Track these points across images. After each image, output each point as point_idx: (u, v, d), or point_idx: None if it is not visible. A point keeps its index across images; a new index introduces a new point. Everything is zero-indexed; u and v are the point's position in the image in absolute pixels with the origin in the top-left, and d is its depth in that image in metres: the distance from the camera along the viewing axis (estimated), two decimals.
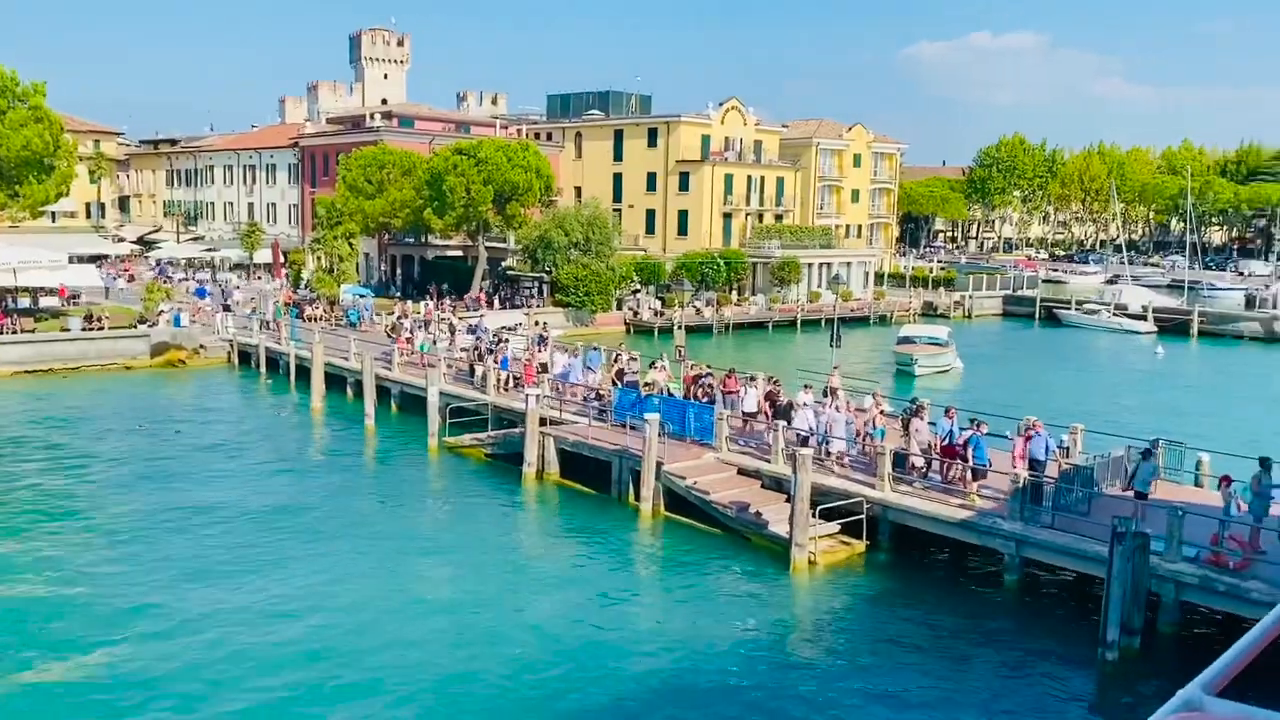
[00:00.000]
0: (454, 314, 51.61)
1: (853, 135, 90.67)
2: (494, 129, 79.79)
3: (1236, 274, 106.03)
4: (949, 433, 23.47)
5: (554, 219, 61.02)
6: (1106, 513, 19.82)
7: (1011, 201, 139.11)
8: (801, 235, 74.90)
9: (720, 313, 63.87)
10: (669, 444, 26.17)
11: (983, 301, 78.11)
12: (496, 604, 20.00)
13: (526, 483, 28.20)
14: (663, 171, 75.04)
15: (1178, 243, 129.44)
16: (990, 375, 48.53)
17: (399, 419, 36.31)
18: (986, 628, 19.54)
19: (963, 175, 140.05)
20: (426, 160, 62.43)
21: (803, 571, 21.63)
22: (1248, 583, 17.44)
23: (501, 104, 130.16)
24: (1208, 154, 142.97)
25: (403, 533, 24.25)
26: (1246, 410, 41.90)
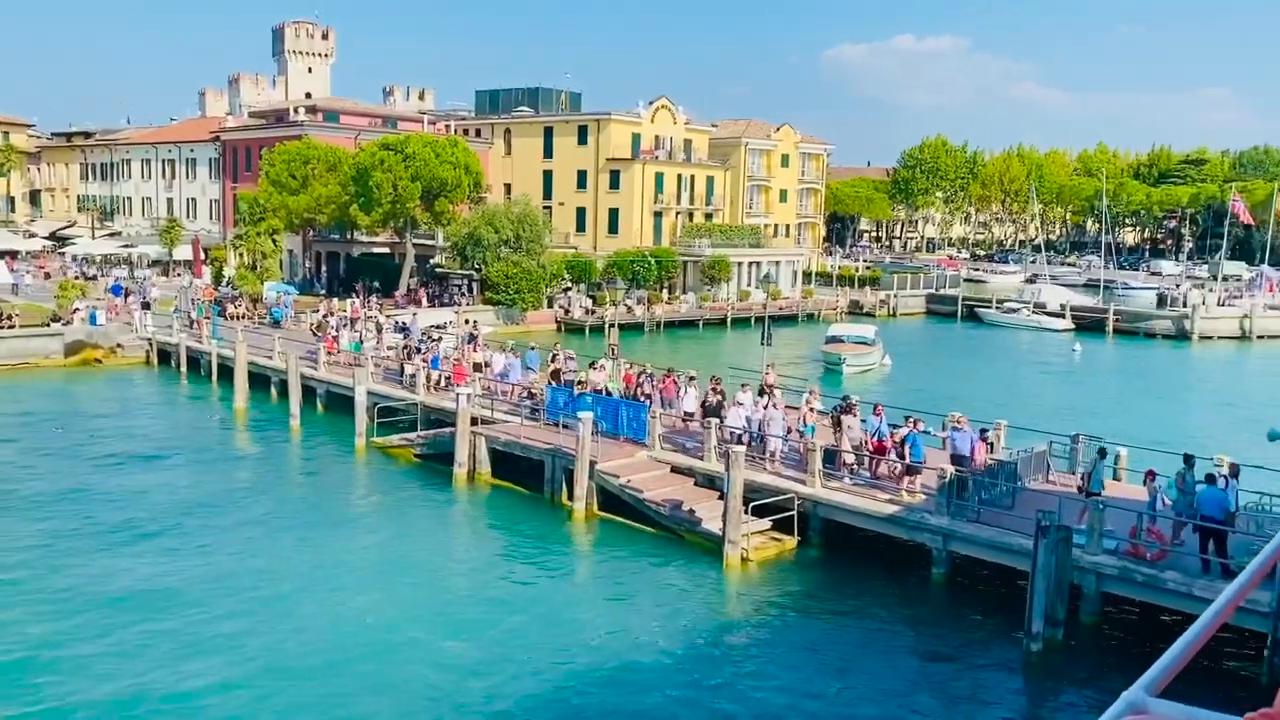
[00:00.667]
0: (381, 312, 50.87)
1: (780, 135, 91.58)
2: (421, 124, 78.78)
3: (1149, 273, 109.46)
4: (877, 430, 23.80)
5: (484, 216, 60.49)
6: (1030, 507, 20.32)
7: (934, 202, 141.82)
8: (731, 234, 75.39)
9: (652, 311, 64.00)
10: (602, 443, 26.10)
11: (907, 300, 79.44)
12: (426, 606, 19.74)
13: (457, 483, 27.90)
14: (593, 169, 74.91)
15: (1093, 243, 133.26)
16: (916, 372, 49.40)
17: (325, 419, 35.64)
18: (915, 621, 19.86)
19: (887, 176, 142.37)
20: (352, 155, 61.40)
21: (735, 568, 21.76)
22: (1165, 573, 18.00)
23: (429, 99, 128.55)
24: (1121, 157, 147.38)
25: (329, 535, 23.80)
26: (1161, 406, 43.29)
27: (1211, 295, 77.13)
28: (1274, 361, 60.71)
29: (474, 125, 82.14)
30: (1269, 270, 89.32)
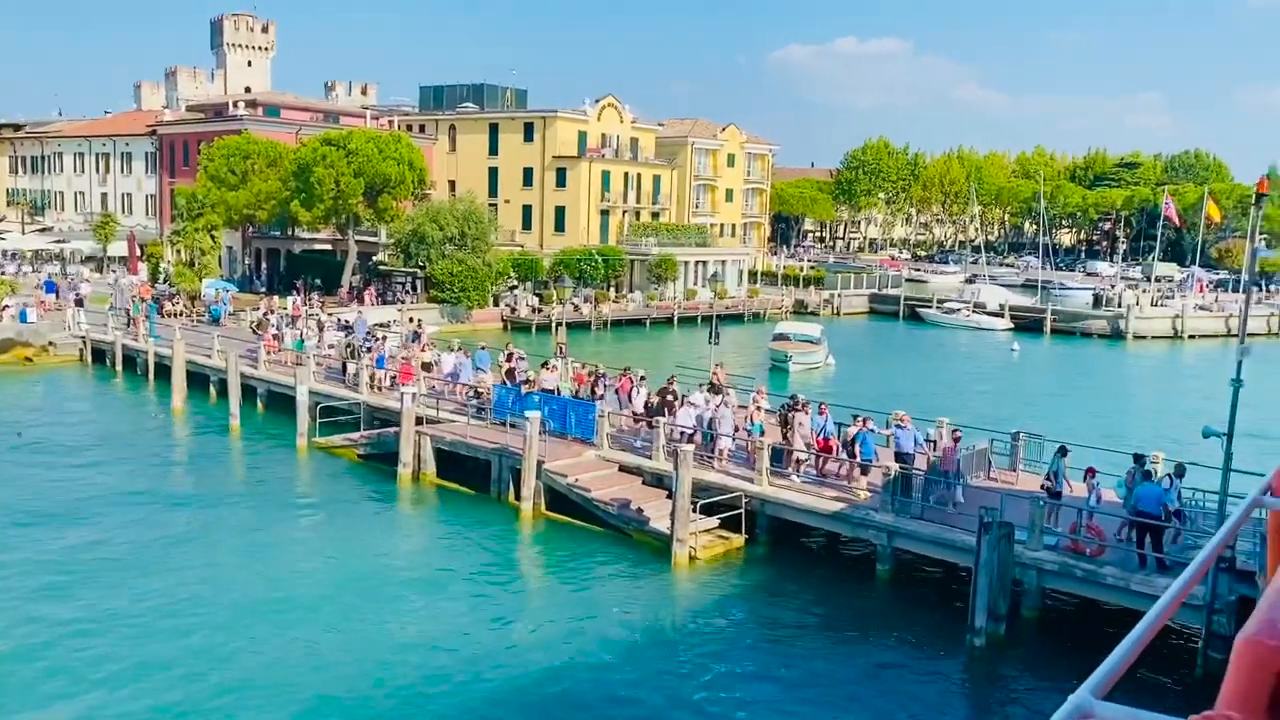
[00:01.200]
0: (323, 310, 50.14)
1: (727, 135, 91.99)
2: (364, 120, 77.80)
3: (1085, 274, 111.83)
4: (822, 428, 23.98)
5: (428, 213, 59.93)
6: (972, 503, 20.64)
7: (876, 203, 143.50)
8: (678, 233, 75.55)
9: (599, 310, 63.90)
10: (550, 442, 25.97)
11: (850, 300, 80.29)
12: (370, 608, 19.47)
13: (402, 483, 27.57)
14: (539, 167, 74.58)
15: (1031, 244, 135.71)
16: (860, 371, 49.94)
17: (266, 419, 35.02)
18: (860, 617, 20.06)
19: (831, 177, 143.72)
20: (293, 151, 60.42)
21: (683, 566, 21.79)
22: (1103, 569, 18.38)
23: (371, 94, 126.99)
24: (1058, 160, 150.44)
25: (270, 536, 23.39)
26: (1098, 404, 44.22)
27: (1145, 296, 79.08)
28: (1205, 360, 62.36)
29: (418, 121, 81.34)
30: (1199, 271, 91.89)
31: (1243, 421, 18.36)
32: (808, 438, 24.40)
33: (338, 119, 77.09)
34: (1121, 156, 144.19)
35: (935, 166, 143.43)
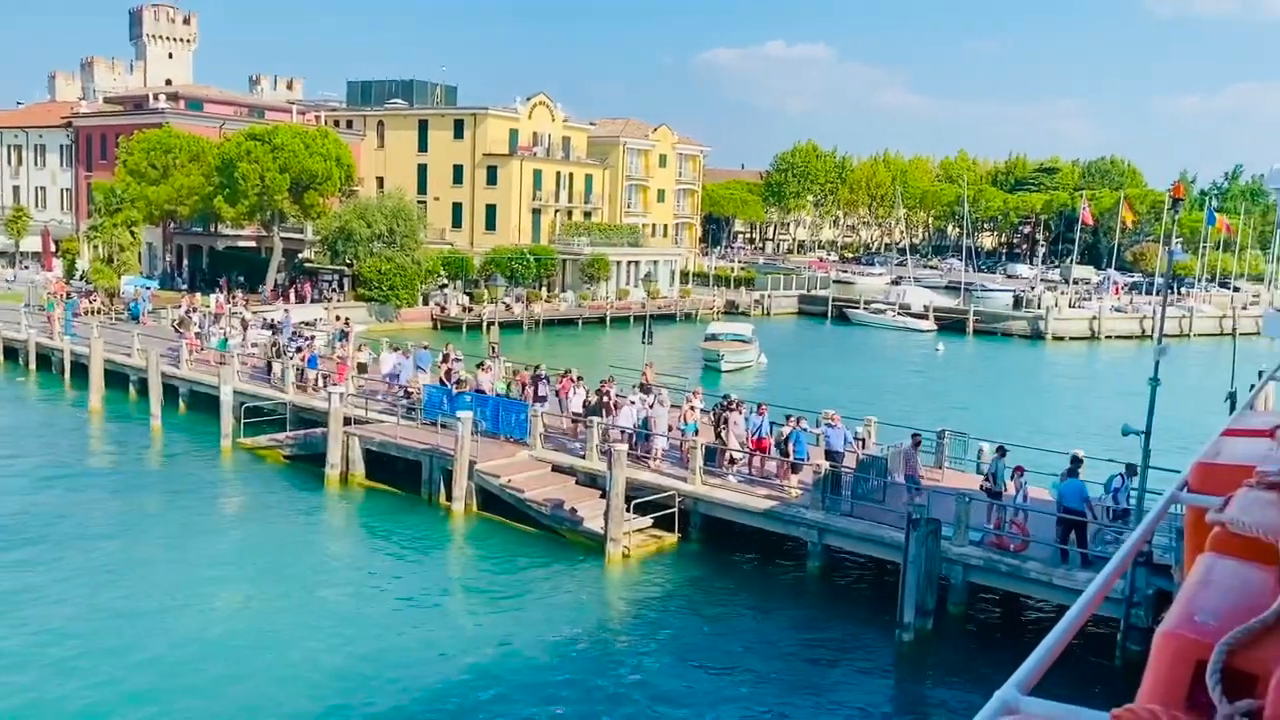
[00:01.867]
0: (247, 308, 49.10)
1: (658, 136, 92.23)
2: (290, 115, 76.37)
3: (1006, 276, 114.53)
4: (759, 427, 24.16)
5: (355, 210, 59.04)
6: (900, 500, 21.02)
7: (805, 205, 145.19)
8: (610, 233, 75.54)
9: (530, 309, 63.60)
10: (482, 442, 25.77)
11: (780, 300, 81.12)
12: (296, 613, 19.12)
13: (329, 485, 27.11)
14: (470, 164, 73.95)
15: (954, 246, 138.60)
16: (790, 370, 50.48)
17: (188, 420, 34.16)
18: (791, 614, 20.29)
19: (761, 179, 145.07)
20: (217, 145, 59.08)
21: (617, 565, 21.81)
22: (1027, 564, 18.84)
23: (297, 89, 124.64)
24: (980, 164, 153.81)
25: (193, 539, 22.82)
26: (1020, 403, 45.32)
27: (1063, 298, 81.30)
28: (1121, 360, 64.30)
29: (345, 116, 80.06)
30: (1115, 274, 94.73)
31: (1160, 419, 18.96)
32: (742, 437, 24.58)
33: (263, 114, 75.54)
34: (1041, 162, 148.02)
35: (862, 170, 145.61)
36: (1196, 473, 2.18)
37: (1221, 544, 1.59)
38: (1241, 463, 2.10)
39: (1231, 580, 1.43)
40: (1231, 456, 2.22)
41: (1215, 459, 2.24)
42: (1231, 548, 1.55)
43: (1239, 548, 1.54)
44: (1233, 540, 1.57)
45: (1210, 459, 2.24)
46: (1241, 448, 2.30)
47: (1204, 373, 46.77)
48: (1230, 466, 2.11)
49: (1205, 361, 56.57)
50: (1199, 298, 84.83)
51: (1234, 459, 2.19)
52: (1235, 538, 1.57)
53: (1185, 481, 2.19)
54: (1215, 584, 1.42)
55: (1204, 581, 1.44)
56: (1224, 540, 1.59)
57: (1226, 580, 1.43)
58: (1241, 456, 2.19)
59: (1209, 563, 1.51)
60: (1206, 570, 1.48)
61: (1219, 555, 1.54)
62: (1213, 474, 2.13)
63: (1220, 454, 2.27)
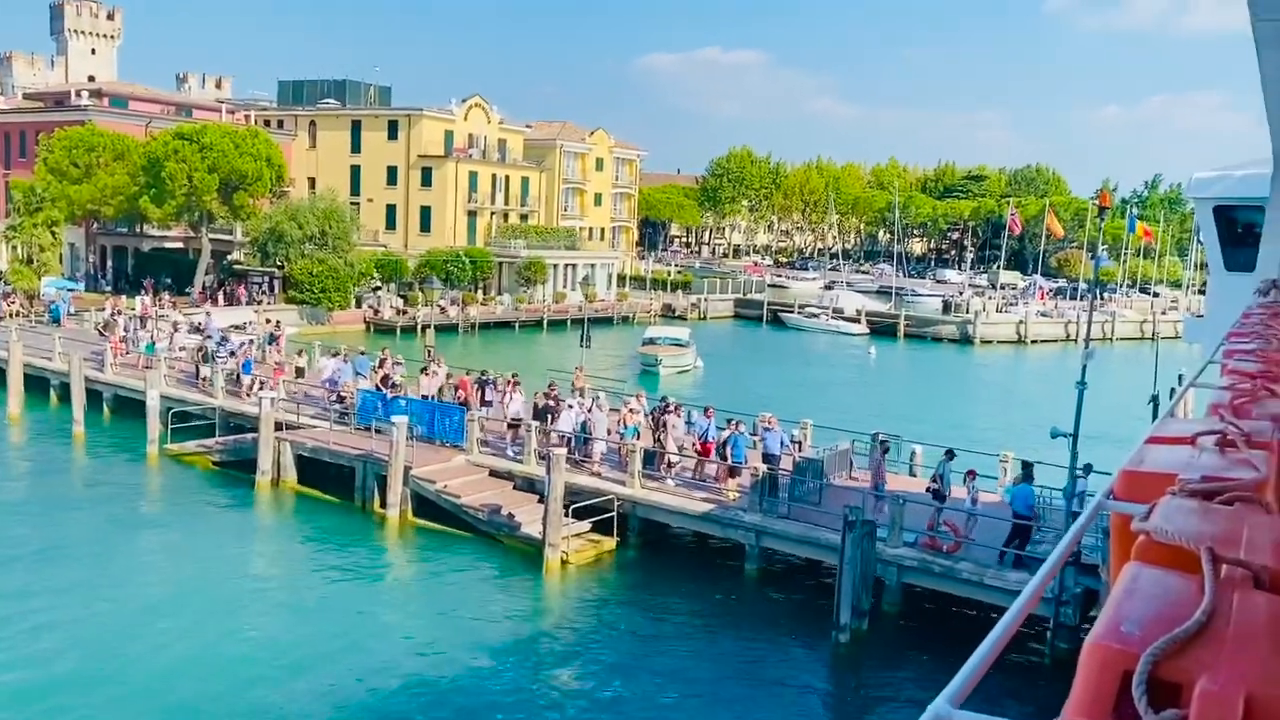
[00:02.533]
0: (176, 310, 47.94)
1: (595, 140, 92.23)
2: (219, 114, 74.80)
3: (935, 281, 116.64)
4: (704, 432, 24.16)
5: (287, 211, 58.02)
6: (837, 502, 21.24)
7: (740, 210, 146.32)
8: (547, 236, 75.31)
9: (466, 312, 63.09)
10: (418, 447, 25.47)
11: (716, 304, 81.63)
12: (225, 623, 18.69)
13: (260, 491, 26.57)
14: (404, 166, 73.18)
15: (885, 252, 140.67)
16: (727, 373, 50.78)
17: (113, 426, 33.23)
18: (730, 616, 20.39)
19: (697, 183, 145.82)
20: (143, 144, 57.61)
21: (555, 571, 21.70)
22: (959, 564, 19.19)
23: (226, 87, 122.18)
24: (910, 172, 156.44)
25: (118, 548, 22.23)
26: (951, 405, 46.14)
27: (991, 302, 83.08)
28: (1047, 363, 65.86)
29: (276, 116, 78.67)
30: (1040, 279, 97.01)
31: (1086, 421, 19.45)
32: (680, 440, 24.63)
33: (190, 112, 73.87)
34: (969, 169, 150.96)
35: (795, 176, 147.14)
36: (1121, 480, 2.23)
37: (1146, 553, 1.62)
38: (1164, 470, 2.15)
39: (1156, 589, 1.45)
40: (1155, 464, 2.27)
41: (1139, 466, 2.28)
42: (1156, 556, 1.59)
43: (1163, 556, 1.57)
44: (1157, 549, 1.60)
45: (1134, 467, 2.29)
46: (1164, 455, 2.35)
47: (1127, 376, 48.07)
48: (1154, 474, 2.16)
49: (1127, 365, 58.20)
50: (1121, 303, 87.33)
51: (1157, 466, 2.24)
52: (1159, 546, 1.60)
53: (1111, 489, 2.24)
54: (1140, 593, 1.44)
55: (1129, 591, 1.46)
56: (1148, 549, 1.62)
57: (1151, 589, 1.46)
58: (1164, 464, 2.24)
59: (1134, 572, 1.54)
60: (1132, 579, 1.51)
61: (1144, 564, 1.57)
62: (1137, 481, 2.18)
63: (1144, 461, 2.32)
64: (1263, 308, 8.55)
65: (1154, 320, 79.34)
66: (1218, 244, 16.91)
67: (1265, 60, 9.08)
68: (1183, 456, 2.30)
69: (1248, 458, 2.21)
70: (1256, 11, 7.34)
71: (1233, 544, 1.56)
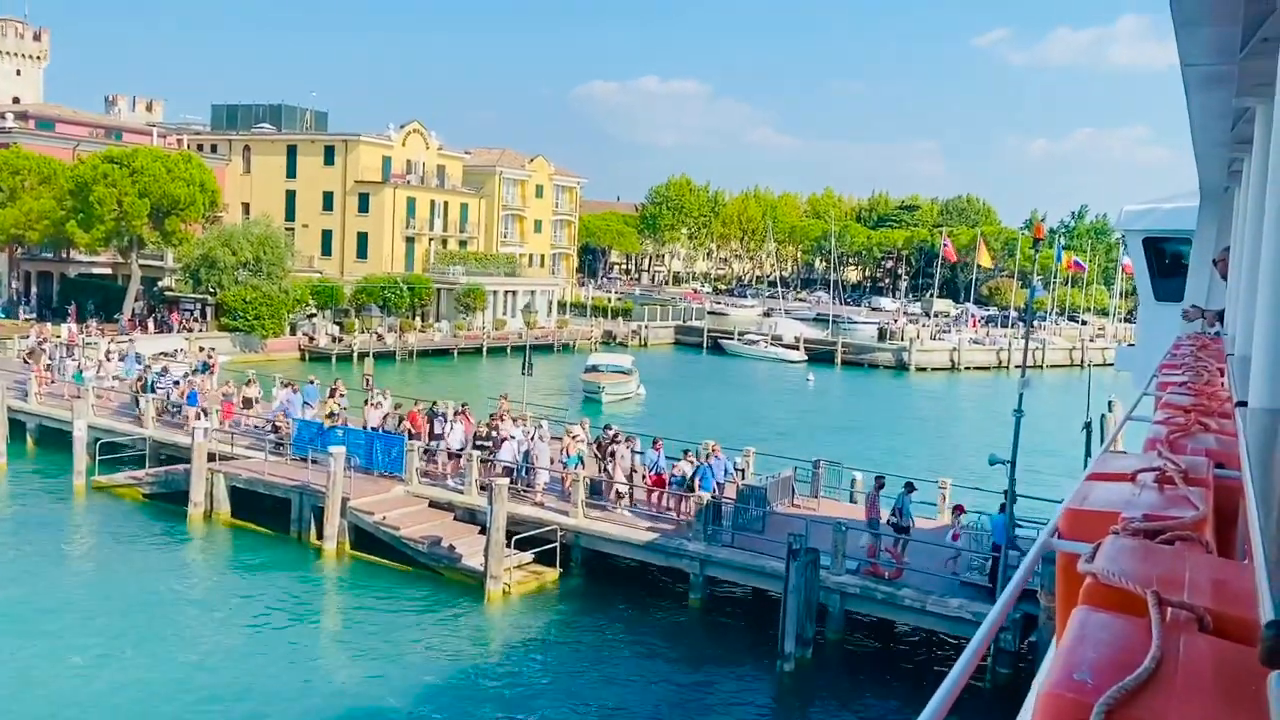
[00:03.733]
0: (105, 338, 46.66)
1: (535, 167, 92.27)
2: (151, 137, 73.38)
3: (870, 309, 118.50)
4: (655, 463, 24.01)
5: (220, 236, 56.99)
6: (780, 530, 21.30)
7: (679, 238, 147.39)
8: (486, 263, 74.99)
9: (404, 339, 62.41)
10: (356, 478, 25.03)
11: (657, 331, 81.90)
12: (157, 661, 18.10)
13: (192, 524, 25.87)
14: (340, 191, 72.45)
15: (821, 280, 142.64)
16: (669, 401, 50.86)
17: (38, 457, 32.16)
18: (674, 646, 20.28)
19: (636, 211, 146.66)
20: (70, 168, 56.25)
21: (497, 603, 21.43)
22: (901, 590, 19.34)
23: (158, 111, 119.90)
24: (845, 201, 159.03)
25: (43, 583, 21.43)
26: (888, 431, 46.70)
27: (925, 330, 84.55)
28: (980, 389, 67.11)
29: (210, 140, 77.44)
30: (972, 308, 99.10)
31: (1022, 447, 19.79)
32: (628, 469, 24.43)
33: (120, 135, 72.40)
34: (902, 200, 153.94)
35: (734, 205, 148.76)
36: (1065, 519, 2.25)
37: (1093, 596, 1.63)
38: (1107, 509, 2.18)
39: (1104, 635, 1.47)
40: (1097, 502, 2.29)
41: (1082, 505, 2.30)
42: (1103, 600, 1.60)
43: (1110, 600, 1.59)
44: (1104, 592, 1.62)
45: (1077, 505, 2.31)
46: (1106, 493, 2.37)
47: (1058, 402, 49.21)
48: (1097, 513, 2.19)
49: (1059, 391, 59.56)
50: (1050, 330, 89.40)
51: (1099, 505, 2.26)
52: (1106, 589, 1.62)
53: (1055, 527, 2.25)
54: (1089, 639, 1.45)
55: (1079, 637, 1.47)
56: (1095, 592, 1.64)
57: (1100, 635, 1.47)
58: (1106, 502, 2.26)
59: (1083, 617, 1.55)
60: (1081, 625, 1.52)
61: (1092, 608, 1.58)
62: (1081, 520, 2.20)
63: (1087, 499, 2.34)
64: (1191, 338, 8.81)
65: (1083, 347, 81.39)
66: (1147, 274, 17.37)
67: (1193, 103, 9.43)
68: (1124, 494, 2.33)
69: (1186, 494, 2.24)
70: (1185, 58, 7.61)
71: (1176, 586, 1.58)
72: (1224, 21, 6.00)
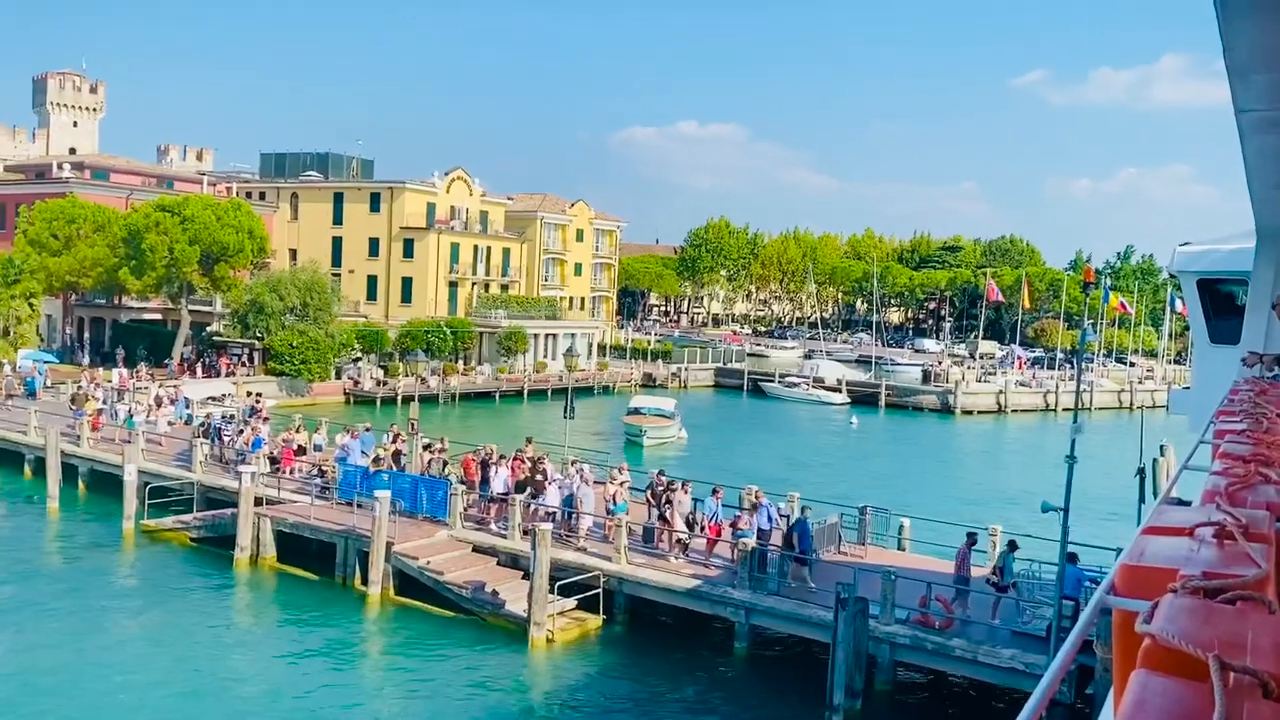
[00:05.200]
0: (156, 383, 47.41)
1: (575, 211, 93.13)
2: (201, 185, 75.09)
3: (914, 351, 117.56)
4: (714, 513, 23.71)
5: (268, 282, 57.93)
6: (826, 578, 21.00)
7: (719, 280, 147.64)
8: (528, 306, 75.54)
9: (447, 382, 62.84)
10: (400, 522, 25.07)
11: (696, 373, 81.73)
12: (204, 705, 18.14)
13: (239, 568, 26.04)
14: (386, 237, 73.49)
15: (862, 321, 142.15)
16: (710, 444, 50.63)
17: (88, 501, 32.64)
18: (719, 696, 19.98)
19: (675, 253, 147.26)
20: (124, 216, 57.61)
21: (540, 650, 21.27)
22: (952, 641, 18.93)
23: (208, 160, 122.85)
24: (886, 242, 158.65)
25: (92, 627, 21.62)
26: (936, 476, 46.08)
27: (970, 372, 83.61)
28: (1028, 433, 66.16)
29: (258, 188, 79.07)
30: (1018, 349, 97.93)
31: (1075, 492, 19.37)
32: (687, 517, 24.08)
33: (172, 184, 74.19)
34: (944, 240, 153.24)
35: (773, 246, 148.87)
36: (1122, 575, 2.19)
37: (1153, 659, 1.59)
38: (1164, 565, 2.13)
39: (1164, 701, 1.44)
40: (1154, 558, 2.24)
41: (1139, 560, 2.24)
42: (1163, 662, 1.56)
43: (1170, 663, 1.55)
44: (1163, 654, 1.58)
45: (1134, 560, 2.25)
46: (1163, 548, 2.32)
47: (1108, 445, 48.26)
48: (1154, 569, 2.14)
49: (1108, 434, 58.46)
50: (1098, 372, 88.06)
51: (1157, 561, 2.21)
52: (1165, 651, 1.57)
53: (1112, 583, 2.19)
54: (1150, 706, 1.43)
55: (1139, 703, 1.45)
56: (1155, 654, 1.59)
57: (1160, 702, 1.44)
58: (1164, 558, 2.21)
59: (1143, 680, 1.52)
60: (1140, 689, 1.49)
61: (1151, 672, 1.54)
62: (1138, 576, 2.15)
63: (1144, 554, 2.28)
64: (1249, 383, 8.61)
65: (1131, 390, 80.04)
66: (1202, 316, 17.07)
67: (1248, 146, 9.36)
68: (1182, 549, 2.27)
69: (1247, 550, 2.18)
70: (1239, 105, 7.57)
71: (1238, 649, 1.53)
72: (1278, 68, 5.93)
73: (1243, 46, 5.81)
